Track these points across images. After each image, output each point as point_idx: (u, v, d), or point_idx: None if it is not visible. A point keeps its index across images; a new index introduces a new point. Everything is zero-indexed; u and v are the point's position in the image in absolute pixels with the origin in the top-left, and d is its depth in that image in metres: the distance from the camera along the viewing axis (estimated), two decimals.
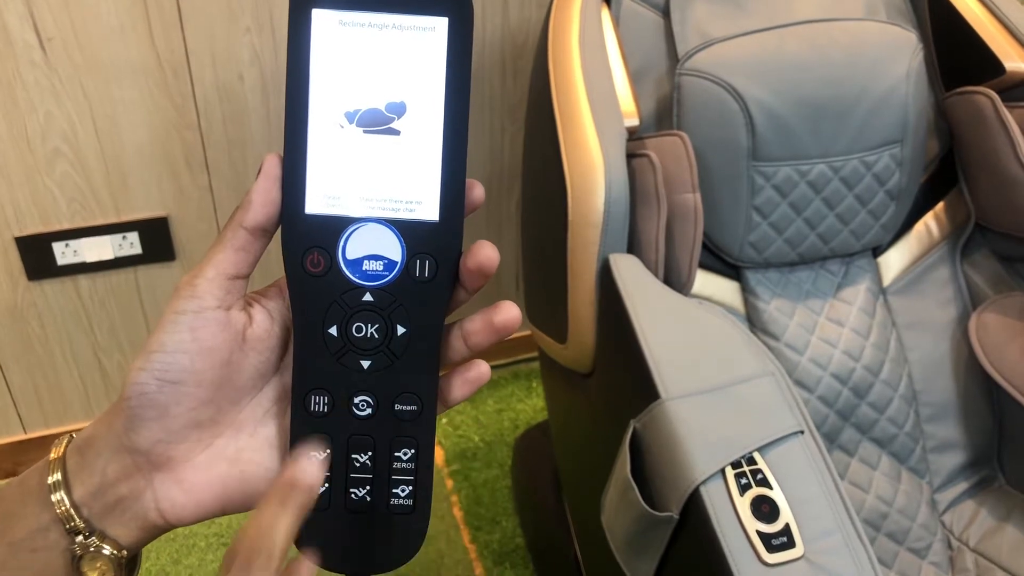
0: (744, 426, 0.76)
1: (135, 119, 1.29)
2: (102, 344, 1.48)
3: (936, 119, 1.12)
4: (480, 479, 1.57)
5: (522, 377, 1.78)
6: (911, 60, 1.02)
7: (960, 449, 1.10)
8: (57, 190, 1.31)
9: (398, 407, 0.38)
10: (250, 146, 1.38)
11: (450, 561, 1.43)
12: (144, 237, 1.39)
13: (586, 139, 0.93)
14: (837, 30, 1.01)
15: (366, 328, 0.37)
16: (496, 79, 1.47)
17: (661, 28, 1.07)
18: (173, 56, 1.26)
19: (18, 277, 1.36)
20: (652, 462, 0.77)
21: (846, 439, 1.07)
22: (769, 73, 0.98)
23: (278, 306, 0.39)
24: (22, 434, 1.53)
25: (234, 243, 0.37)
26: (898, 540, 1.05)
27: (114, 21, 1.21)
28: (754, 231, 1.03)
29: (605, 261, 0.91)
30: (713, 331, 0.87)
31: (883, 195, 1.06)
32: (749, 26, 1.02)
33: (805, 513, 0.70)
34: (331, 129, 0.37)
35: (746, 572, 0.67)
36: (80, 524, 0.37)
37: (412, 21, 0.36)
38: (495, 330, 0.38)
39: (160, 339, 0.36)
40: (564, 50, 0.99)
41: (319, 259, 0.37)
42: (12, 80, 1.21)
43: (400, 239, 0.37)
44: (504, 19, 1.41)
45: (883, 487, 1.06)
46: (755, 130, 0.98)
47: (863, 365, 1.07)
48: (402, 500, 0.38)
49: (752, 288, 1.06)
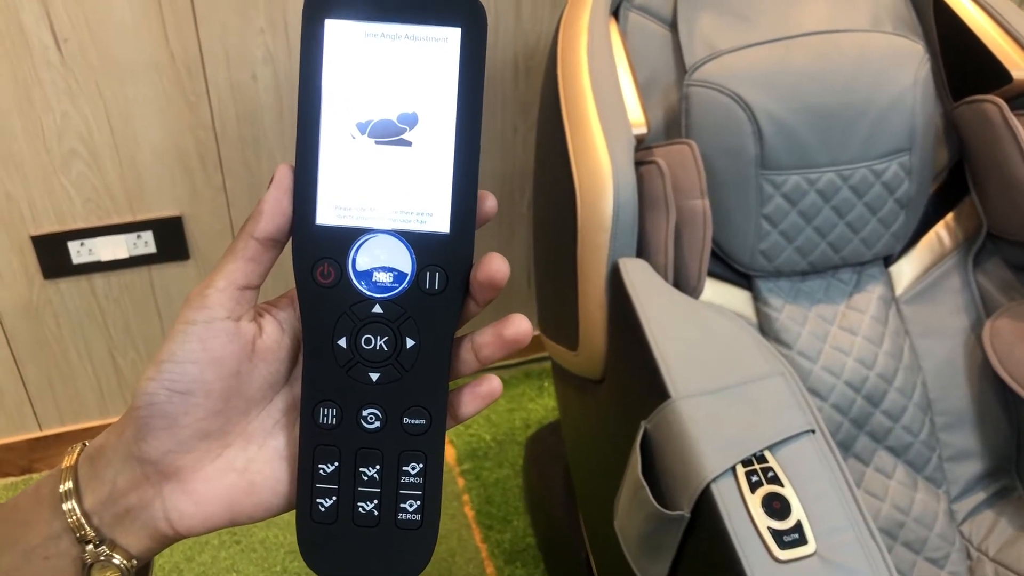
0: (755, 425, 0.76)
1: (149, 119, 1.30)
2: (116, 342, 1.49)
3: (944, 130, 1.11)
4: (491, 478, 1.57)
5: (533, 377, 1.78)
6: (917, 70, 1.02)
7: (977, 458, 1.09)
8: (73, 189, 1.32)
9: (407, 421, 0.38)
10: (263, 145, 1.39)
11: (461, 560, 1.44)
12: (158, 236, 1.40)
13: (594, 145, 0.93)
14: (843, 41, 1.02)
15: (375, 340, 0.37)
16: (508, 79, 1.47)
17: (668, 41, 1.07)
18: (187, 56, 1.27)
19: (34, 275, 1.38)
20: (663, 462, 0.77)
21: (861, 448, 1.07)
22: (776, 82, 0.99)
23: (289, 317, 0.39)
24: (37, 431, 1.54)
25: (245, 253, 0.37)
26: (915, 550, 1.05)
27: (129, 21, 1.22)
28: (764, 239, 1.03)
29: (615, 265, 0.92)
30: (723, 332, 0.87)
31: (893, 204, 1.06)
32: (756, 38, 1.02)
33: (817, 510, 0.70)
34: (343, 140, 0.36)
35: (758, 569, 0.66)
36: (90, 533, 0.37)
37: (425, 32, 0.36)
38: (505, 343, 0.38)
39: (170, 349, 0.36)
40: (573, 60, 1.00)
41: (329, 270, 0.37)
42: (29, 80, 1.22)
43: (410, 251, 0.37)
44: (517, 19, 1.41)
45: (899, 496, 1.05)
46: (763, 139, 0.99)
47: (877, 373, 1.06)
48: (410, 515, 0.38)
49: (763, 297, 1.06)
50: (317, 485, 0.38)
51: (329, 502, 0.38)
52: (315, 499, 0.38)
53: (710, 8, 1.05)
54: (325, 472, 0.38)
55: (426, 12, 0.36)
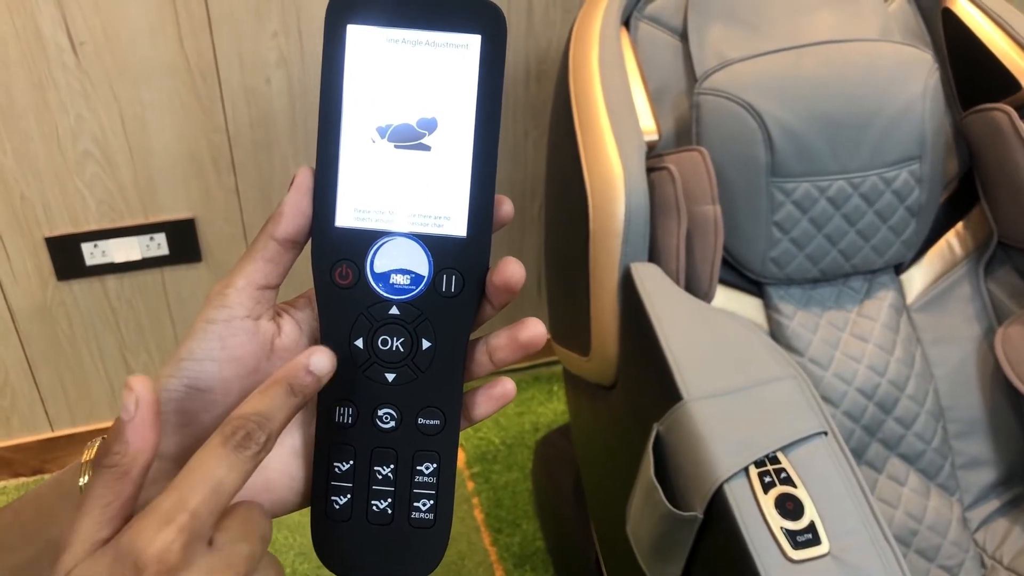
0: (767, 426, 0.76)
1: (163, 122, 1.31)
2: (129, 344, 1.50)
3: (954, 139, 1.12)
4: (501, 482, 1.57)
5: (543, 381, 1.78)
6: (927, 79, 1.02)
7: (991, 466, 1.09)
8: (87, 191, 1.33)
9: (421, 421, 0.38)
10: (276, 149, 1.40)
11: (471, 563, 1.44)
12: (171, 238, 1.40)
13: (606, 151, 0.94)
14: (852, 50, 1.02)
15: (392, 341, 0.38)
16: (520, 83, 1.48)
17: (679, 51, 1.08)
18: (201, 59, 1.28)
19: (48, 277, 1.38)
20: (675, 463, 0.77)
21: (873, 455, 1.07)
22: (785, 91, 0.99)
23: (307, 317, 0.39)
24: (49, 432, 1.55)
25: (264, 254, 0.37)
26: (929, 557, 1.04)
27: (144, 25, 1.23)
28: (775, 247, 1.04)
29: (627, 270, 0.92)
30: (735, 335, 0.87)
31: (903, 211, 1.06)
32: (765, 48, 1.03)
33: (830, 511, 0.70)
34: (363, 144, 0.37)
35: (772, 569, 0.66)
36: None
37: (445, 38, 0.36)
38: (520, 346, 0.38)
39: (189, 347, 0.37)
40: (584, 69, 1.00)
41: (347, 272, 0.37)
42: (45, 83, 1.23)
43: (428, 254, 0.37)
44: (528, 23, 1.42)
45: (912, 504, 1.05)
46: (773, 146, 0.99)
47: (888, 380, 1.06)
48: (423, 514, 0.38)
49: (775, 304, 1.07)
50: (332, 483, 0.38)
51: (344, 500, 0.38)
52: (330, 496, 0.38)
53: (720, 18, 1.06)
54: (340, 470, 0.38)
55: (447, 19, 0.36)
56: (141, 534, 0.30)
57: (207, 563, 0.30)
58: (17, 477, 1.55)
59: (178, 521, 0.30)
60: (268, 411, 0.33)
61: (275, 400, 0.34)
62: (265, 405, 0.34)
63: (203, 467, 0.32)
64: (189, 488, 0.31)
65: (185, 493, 0.31)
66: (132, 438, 0.32)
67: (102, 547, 0.31)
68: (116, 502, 0.32)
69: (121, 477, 0.32)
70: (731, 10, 1.06)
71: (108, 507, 0.32)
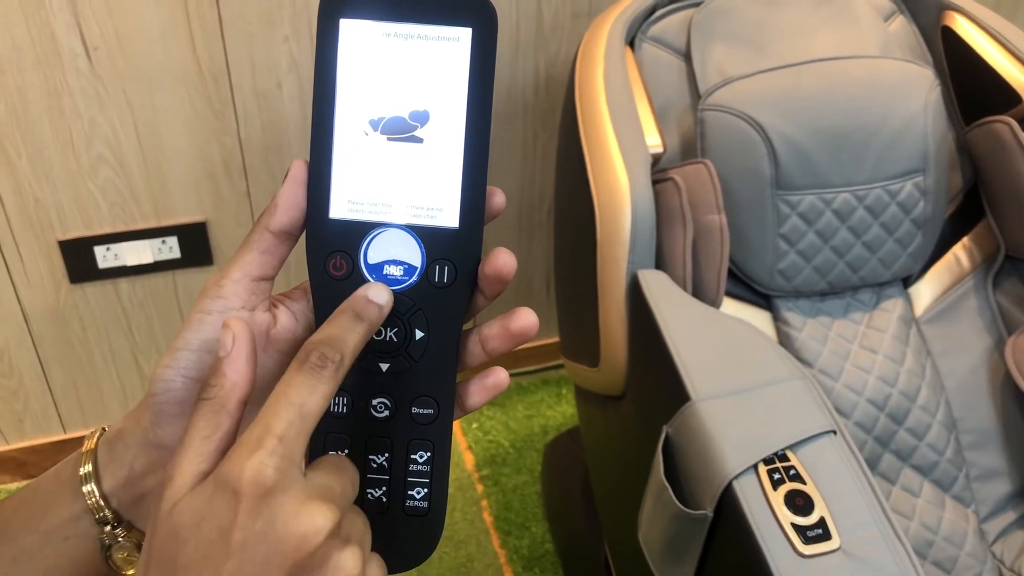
0: (776, 424, 0.76)
1: (176, 126, 1.32)
2: (141, 346, 1.51)
3: (957, 154, 1.12)
4: (510, 484, 1.58)
5: (552, 383, 1.78)
6: (928, 95, 1.03)
7: (1006, 478, 1.08)
8: (100, 195, 1.34)
9: (415, 410, 0.38)
10: (287, 152, 1.41)
11: (480, 565, 1.44)
12: (183, 241, 1.41)
13: (612, 162, 0.95)
14: (853, 67, 1.03)
15: (385, 331, 0.38)
16: (529, 87, 1.49)
17: (682, 71, 1.10)
18: (213, 64, 1.29)
19: (61, 280, 1.40)
20: (685, 463, 0.78)
21: (886, 466, 1.06)
22: (788, 105, 1.00)
23: (302, 308, 0.40)
24: (62, 434, 1.56)
25: (260, 245, 0.38)
26: (945, 569, 1.04)
27: (156, 30, 1.24)
28: (782, 259, 1.04)
29: (634, 276, 0.93)
30: (742, 337, 0.88)
31: (909, 224, 1.06)
32: (767, 65, 1.04)
33: (840, 507, 0.71)
34: (356, 136, 0.38)
35: (783, 564, 0.67)
36: (109, 514, 0.38)
37: (437, 31, 0.37)
38: (512, 336, 0.38)
39: (186, 337, 0.37)
40: (590, 85, 1.02)
41: (342, 263, 0.38)
42: (59, 88, 1.24)
43: (420, 245, 0.38)
44: (538, 28, 1.43)
45: (927, 515, 1.05)
46: (777, 159, 1.00)
47: (899, 390, 1.06)
48: (417, 502, 0.39)
49: (783, 317, 1.07)
50: None
51: None
52: None
53: (723, 39, 1.07)
54: None
55: (438, 12, 0.37)
56: (235, 463, 0.31)
57: (303, 488, 0.31)
58: (30, 479, 1.56)
59: (267, 446, 0.31)
60: (339, 334, 0.34)
61: (344, 325, 0.35)
62: (335, 330, 0.35)
63: (285, 394, 0.32)
64: (274, 415, 0.31)
65: (271, 420, 0.31)
66: (229, 371, 0.34)
67: (203, 480, 0.32)
68: (215, 435, 0.33)
69: (219, 410, 0.33)
70: (733, 31, 1.08)
71: (207, 440, 0.33)
